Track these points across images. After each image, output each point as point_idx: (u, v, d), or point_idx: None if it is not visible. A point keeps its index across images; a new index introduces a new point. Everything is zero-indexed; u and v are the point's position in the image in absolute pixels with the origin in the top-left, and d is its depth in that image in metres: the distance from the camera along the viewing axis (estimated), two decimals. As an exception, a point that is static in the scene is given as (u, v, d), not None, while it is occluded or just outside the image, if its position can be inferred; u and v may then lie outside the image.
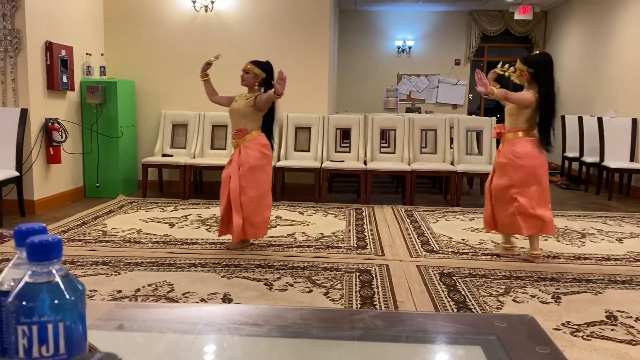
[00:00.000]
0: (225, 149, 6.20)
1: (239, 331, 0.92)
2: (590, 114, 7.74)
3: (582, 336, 2.62)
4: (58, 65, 5.32)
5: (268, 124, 4.03)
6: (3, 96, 5.04)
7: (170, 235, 4.40)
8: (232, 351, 0.89)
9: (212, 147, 6.26)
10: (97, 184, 5.98)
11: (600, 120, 6.73)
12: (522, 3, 9.37)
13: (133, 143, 6.37)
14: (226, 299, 3.07)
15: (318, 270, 3.58)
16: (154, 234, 4.41)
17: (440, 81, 10.60)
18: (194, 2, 6.25)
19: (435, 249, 4.14)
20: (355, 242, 4.30)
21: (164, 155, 6.11)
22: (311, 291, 3.20)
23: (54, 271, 0.55)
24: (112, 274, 3.44)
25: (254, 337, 0.91)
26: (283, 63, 6.38)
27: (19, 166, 4.83)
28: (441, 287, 3.30)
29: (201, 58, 6.38)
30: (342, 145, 6.51)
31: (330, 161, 6.03)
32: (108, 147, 5.92)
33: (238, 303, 2.98)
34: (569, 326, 2.74)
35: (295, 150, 6.20)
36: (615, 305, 3.04)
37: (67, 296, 0.55)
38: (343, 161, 6.03)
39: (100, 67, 6.14)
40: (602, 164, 6.61)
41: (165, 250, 3.99)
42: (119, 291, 3.15)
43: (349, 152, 6.23)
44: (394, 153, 6.26)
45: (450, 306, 3.00)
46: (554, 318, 2.85)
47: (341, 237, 4.44)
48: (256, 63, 3.99)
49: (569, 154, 7.89)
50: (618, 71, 7.46)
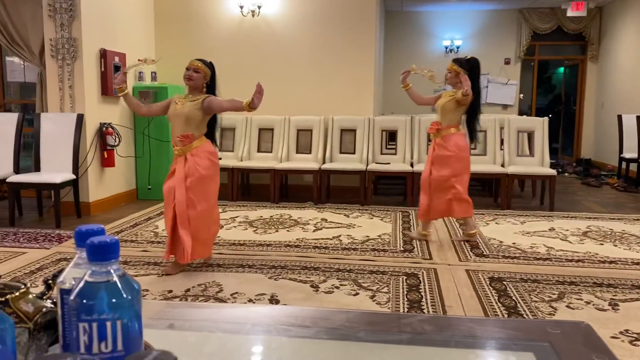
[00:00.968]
0: (271, 152, 6.26)
1: (287, 332, 0.93)
2: (649, 113, 7.41)
3: (642, 345, 2.51)
4: (112, 71, 5.52)
5: (211, 130, 3.61)
6: (61, 102, 5.26)
7: (218, 236, 4.48)
8: (281, 352, 0.90)
9: (259, 150, 6.34)
10: (149, 187, 6.16)
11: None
12: (576, -1, 9.06)
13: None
14: (273, 300, 3.10)
15: (364, 273, 3.57)
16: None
17: (489, 81, 10.37)
18: (241, 8, 6.35)
19: (485, 253, 4.05)
20: (402, 246, 4.26)
21: (213, 158, 6.22)
22: (357, 294, 3.19)
23: (112, 271, 0.57)
24: (163, 274, 3.53)
25: (302, 339, 0.91)
26: (329, 66, 6.43)
27: (76, 169, 5.04)
28: (491, 292, 3.22)
29: (249, 62, 6.53)
30: (388, 147, 6.46)
31: (375, 163, 6.00)
32: (159, 151, 6.09)
33: (285, 304, 3.00)
34: (628, 335, 2.63)
35: (340, 152, 6.21)
36: (677, 313, 2.90)
37: (124, 295, 0.57)
38: (389, 163, 5.99)
39: (151, 73, 6.33)
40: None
41: (214, 251, 4.06)
42: (170, 291, 3.23)
43: (395, 154, 6.18)
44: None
45: (500, 311, 2.93)
46: (611, 326, 2.74)
47: (387, 240, 4.41)
48: (204, 62, 3.59)
49: (627, 155, 7.57)
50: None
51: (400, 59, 10.38)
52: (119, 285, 0.57)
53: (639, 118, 7.16)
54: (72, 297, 0.57)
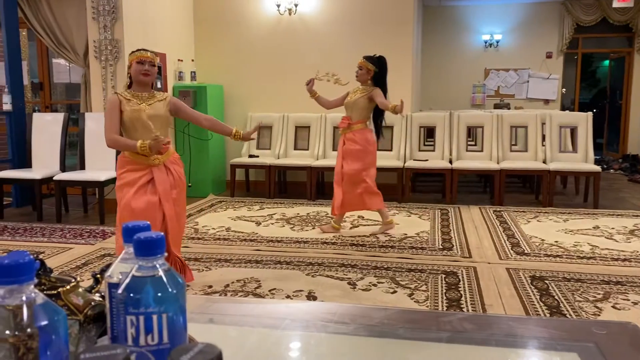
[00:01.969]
0: (308, 149, 6.29)
1: (326, 328, 0.94)
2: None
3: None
4: (153, 71, 5.63)
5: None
6: (104, 102, 5.41)
7: (256, 233, 4.54)
8: (320, 347, 0.91)
9: (296, 148, 6.38)
10: (189, 184, 6.26)
11: None
12: (622, -11, 8.75)
13: (222, 145, 6.62)
14: (311, 297, 3.12)
15: (402, 271, 3.55)
16: (242, 232, 4.56)
17: (530, 75, 10.13)
18: (278, 6, 6.39)
19: (526, 251, 3.97)
20: (440, 243, 4.21)
21: (251, 156, 6.30)
22: (395, 292, 3.18)
23: (158, 265, 0.59)
24: (204, 270, 3.60)
25: (341, 335, 0.92)
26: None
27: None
28: (532, 291, 3.16)
29: (285, 60, 6.56)
30: (426, 143, 6.40)
31: (413, 160, 5.95)
32: (199, 149, 6.19)
33: (322, 301, 3.02)
34: (677, 337, 2.53)
35: (377, 149, 6.16)
36: None
37: (170, 289, 0.58)
38: (427, 160, 5.92)
39: (191, 73, 6.44)
40: None
41: (252, 247, 4.12)
42: (210, 286, 3.29)
43: (434, 151, 6.11)
44: (482, 151, 6.06)
45: (542, 311, 2.87)
46: (660, 327, 2.64)
47: (425, 238, 4.37)
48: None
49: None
50: None
51: (438, 55, 10.25)
52: (165, 279, 0.59)
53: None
54: (120, 291, 0.59)
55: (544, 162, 5.77)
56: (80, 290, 0.72)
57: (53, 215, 5.10)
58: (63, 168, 5.32)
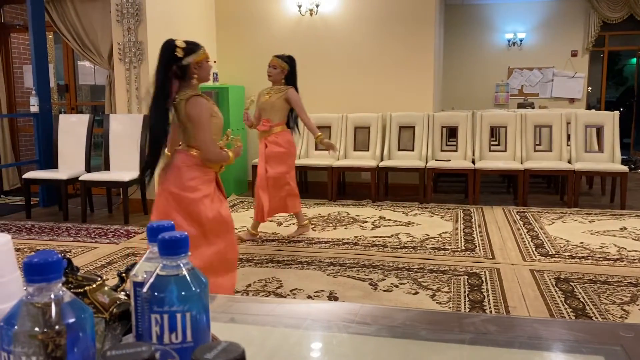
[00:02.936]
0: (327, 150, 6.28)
1: (347, 328, 0.94)
2: None
3: None
4: (176, 73, 5.70)
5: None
6: (128, 104, 5.49)
7: (277, 233, 4.55)
8: (341, 348, 0.91)
9: (317, 148, 6.38)
10: (211, 184, 6.32)
11: None
12: (650, -14, 8.57)
13: (244, 145, 6.60)
14: (332, 297, 3.12)
15: (424, 272, 3.53)
16: (263, 232, 4.59)
17: (555, 74, 9.98)
18: (300, 7, 6.41)
19: (550, 253, 3.91)
20: (463, 244, 4.18)
21: (272, 156, 6.32)
22: (417, 293, 3.16)
23: (182, 265, 0.60)
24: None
25: (363, 336, 0.92)
26: (387, 62, 6.38)
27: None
28: (557, 293, 3.11)
29: (306, 61, 6.56)
30: (449, 143, 6.35)
31: (435, 160, 5.91)
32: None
33: (343, 301, 3.01)
34: None
35: (398, 149, 6.15)
36: None
37: (193, 288, 0.59)
38: (449, 160, 5.88)
39: (213, 74, 6.49)
40: None
41: (273, 247, 4.13)
42: (232, 286, 3.31)
43: (456, 151, 6.06)
44: (505, 151, 5.99)
45: (567, 313, 2.83)
46: (689, 331, 2.58)
47: (448, 239, 4.33)
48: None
49: None
50: None
51: (461, 54, 10.16)
52: (188, 278, 0.59)
53: None
54: (145, 290, 0.60)
55: (569, 162, 5.67)
56: (106, 288, 0.73)
57: (78, 215, 5.19)
58: (88, 168, 5.41)
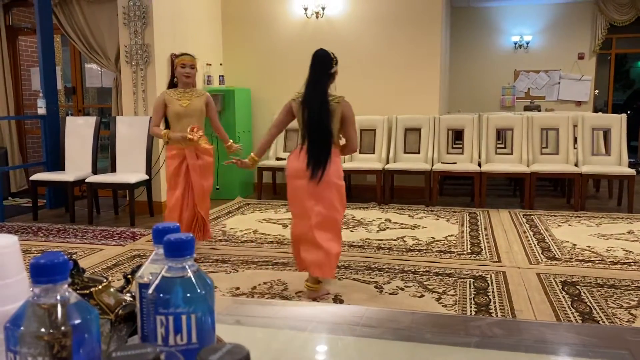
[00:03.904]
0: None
1: (352, 331, 0.94)
2: None
3: None
4: (182, 75, 5.72)
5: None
6: (135, 106, 5.52)
7: (283, 235, 4.55)
8: (346, 350, 0.90)
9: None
10: (217, 187, 6.33)
11: None
12: (657, -12, 8.52)
13: (249, 148, 6.65)
14: (337, 300, 3.11)
15: (429, 275, 3.52)
16: (269, 234, 4.59)
17: (561, 77, 9.94)
18: (306, 10, 6.42)
19: (557, 256, 3.89)
20: (469, 247, 4.16)
21: (278, 159, 6.33)
22: (422, 296, 3.15)
23: (187, 267, 0.60)
24: (231, 272, 3.63)
25: (367, 338, 0.92)
26: (393, 65, 6.38)
27: (149, 170, 5.26)
28: (564, 297, 3.09)
29: (312, 63, 6.56)
30: (455, 146, 6.33)
31: (441, 163, 5.89)
32: (227, 152, 6.24)
33: (349, 304, 3.01)
34: None
35: (404, 152, 6.14)
36: None
37: (199, 290, 0.59)
38: (455, 163, 5.86)
39: (219, 77, 6.51)
40: None
41: (279, 250, 4.13)
42: (237, 288, 3.32)
43: (462, 154, 6.04)
44: (512, 154, 5.97)
45: (574, 317, 2.81)
46: (698, 336, 2.56)
47: (454, 242, 4.32)
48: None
49: None
50: None
51: (467, 56, 10.15)
52: (194, 280, 0.60)
53: None
54: (150, 291, 0.60)
55: (576, 165, 5.65)
56: (111, 290, 0.73)
57: (85, 216, 5.21)
58: (95, 170, 5.44)
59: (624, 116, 5.77)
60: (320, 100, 3.07)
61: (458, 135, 6.33)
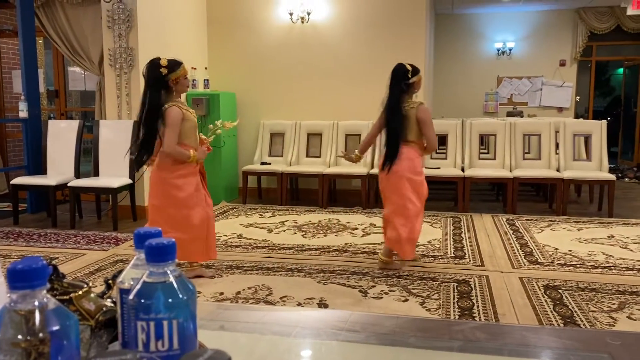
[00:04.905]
0: (320, 157, 6.29)
1: (336, 336, 0.94)
2: None
3: None
4: (167, 79, 5.68)
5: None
6: (118, 110, 5.47)
7: (268, 240, 4.54)
8: (330, 355, 0.90)
9: (308, 155, 6.39)
10: (201, 191, 6.30)
11: None
12: (636, -3, 8.68)
13: (234, 152, 6.65)
14: (322, 304, 3.11)
15: (414, 279, 3.53)
16: (254, 239, 4.57)
17: (543, 83, 10.08)
18: (291, 15, 6.42)
19: (539, 261, 3.93)
20: (452, 252, 4.19)
21: (263, 163, 6.32)
22: (407, 300, 3.16)
23: (169, 272, 0.59)
24: (215, 276, 3.60)
25: (351, 343, 0.92)
26: (378, 70, 6.40)
27: (132, 174, 5.21)
28: (546, 301, 3.12)
29: (298, 68, 6.59)
30: (438, 151, 6.36)
31: (425, 168, 5.91)
32: (211, 156, 6.19)
33: (333, 309, 3.01)
34: (695, 348, 2.49)
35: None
36: None
37: (180, 295, 0.59)
38: (439, 168, 5.90)
39: (204, 81, 6.49)
40: None
41: (264, 254, 4.12)
42: (221, 293, 3.30)
43: (446, 159, 6.08)
44: (494, 159, 6.03)
45: (556, 321, 2.84)
46: (677, 339, 2.59)
47: (437, 246, 4.34)
48: None
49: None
50: None
51: (451, 62, 10.24)
52: (175, 285, 0.59)
53: None
54: (131, 297, 0.59)
55: (558, 171, 5.72)
56: (92, 295, 0.72)
57: (67, 221, 5.15)
58: (77, 175, 5.37)
59: (604, 122, 5.86)
60: (392, 106, 3.60)
61: (442, 140, 6.36)
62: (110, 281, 0.75)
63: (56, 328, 0.51)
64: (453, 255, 4.09)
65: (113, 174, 5.18)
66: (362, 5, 6.37)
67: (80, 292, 0.70)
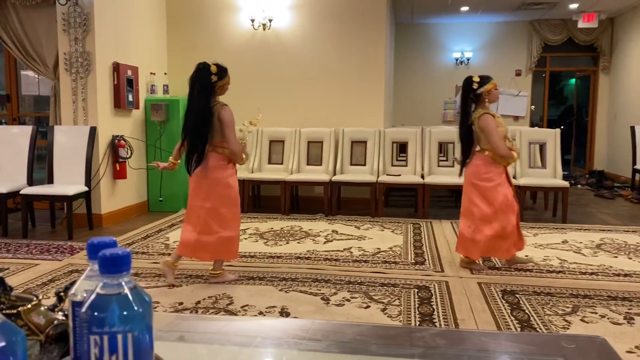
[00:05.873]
0: (282, 164, 6.28)
1: (298, 345, 0.93)
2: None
3: (659, 360, 2.46)
4: (124, 84, 5.58)
5: None
6: (74, 115, 5.32)
7: (229, 248, 4.48)
8: (291, 365, 0.89)
9: (270, 162, 6.36)
10: (160, 198, 6.19)
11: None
12: (587, 11, 9.04)
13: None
14: (284, 313, 3.09)
15: (375, 285, 3.55)
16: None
17: (500, 93, 10.34)
18: (253, 21, 6.40)
19: (497, 266, 4.01)
20: (413, 258, 4.23)
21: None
22: (368, 307, 3.17)
23: (124, 283, 0.57)
24: (174, 286, 3.53)
25: (313, 352, 0.91)
26: (339, 78, 6.45)
27: (88, 181, 5.08)
28: (504, 305, 3.19)
29: (260, 75, 6.57)
30: (399, 159, 6.45)
31: (386, 175, 5.99)
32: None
33: (295, 317, 2.99)
34: (644, 349, 2.58)
35: (351, 164, 6.20)
36: (695, 328, 2.85)
37: (136, 308, 0.57)
38: (400, 175, 5.97)
39: (163, 86, 6.38)
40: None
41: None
42: (180, 303, 3.23)
43: (406, 166, 6.16)
44: (453, 166, 6.14)
45: (513, 325, 2.90)
46: (627, 340, 2.69)
47: (399, 253, 4.38)
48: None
49: (640, 167, 7.49)
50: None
51: (411, 71, 10.40)
52: (130, 297, 0.57)
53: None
54: (84, 310, 0.57)
55: (514, 178, 5.86)
56: (42, 309, 0.69)
57: (19, 230, 4.96)
58: (30, 182, 5.19)
59: (558, 131, 6.05)
60: (460, 117, 3.94)
61: (402, 148, 6.46)
62: (62, 293, 0.72)
63: (1, 345, 0.49)
64: (414, 261, 4.14)
65: (68, 181, 5.03)
66: (324, 13, 6.41)
67: (29, 306, 0.67)
